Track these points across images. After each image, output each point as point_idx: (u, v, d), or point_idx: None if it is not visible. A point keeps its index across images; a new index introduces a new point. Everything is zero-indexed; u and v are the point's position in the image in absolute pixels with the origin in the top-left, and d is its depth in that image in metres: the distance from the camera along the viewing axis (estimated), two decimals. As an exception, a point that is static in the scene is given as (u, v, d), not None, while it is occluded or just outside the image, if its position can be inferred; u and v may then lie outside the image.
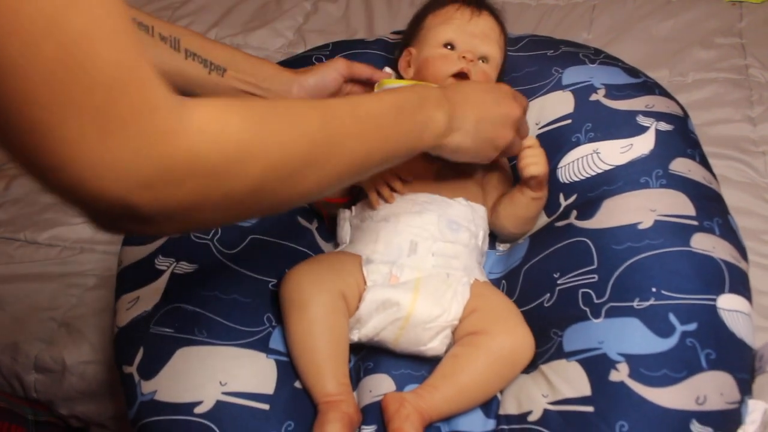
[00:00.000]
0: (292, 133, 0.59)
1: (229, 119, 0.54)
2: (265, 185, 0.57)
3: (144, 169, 0.47)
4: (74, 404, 1.14)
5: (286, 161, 0.58)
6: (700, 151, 0.98)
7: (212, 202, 0.54)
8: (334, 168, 0.64)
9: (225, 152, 0.52)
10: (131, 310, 0.89)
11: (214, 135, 0.52)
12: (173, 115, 0.49)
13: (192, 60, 0.91)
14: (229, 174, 0.53)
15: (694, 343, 0.75)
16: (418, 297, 0.87)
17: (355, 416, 0.81)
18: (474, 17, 1.06)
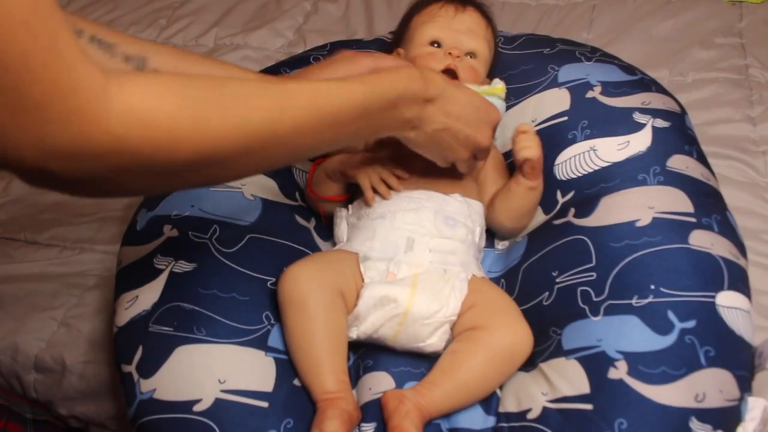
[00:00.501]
0: (232, 122, 0.57)
1: (160, 102, 0.52)
2: (194, 168, 0.56)
3: (61, 146, 0.47)
4: (74, 404, 1.14)
5: (219, 151, 0.57)
6: (698, 147, 0.98)
7: (138, 175, 0.53)
8: (272, 156, 0.64)
9: (151, 138, 0.51)
10: (130, 309, 0.89)
11: (139, 120, 0.51)
12: (94, 97, 0.48)
13: None
14: (155, 157, 0.52)
15: (693, 341, 0.75)
16: (415, 293, 0.87)
17: (354, 413, 0.81)
18: (458, 14, 1.06)
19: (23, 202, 1.40)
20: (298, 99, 0.64)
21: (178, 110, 0.53)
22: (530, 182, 0.97)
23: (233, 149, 0.58)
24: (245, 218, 0.99)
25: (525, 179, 0.97)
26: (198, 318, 0.86)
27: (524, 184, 0.98)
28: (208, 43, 1.74)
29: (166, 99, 0.53)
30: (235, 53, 1.67)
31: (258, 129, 0.59)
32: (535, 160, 0.96)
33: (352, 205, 1.01)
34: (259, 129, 0.59)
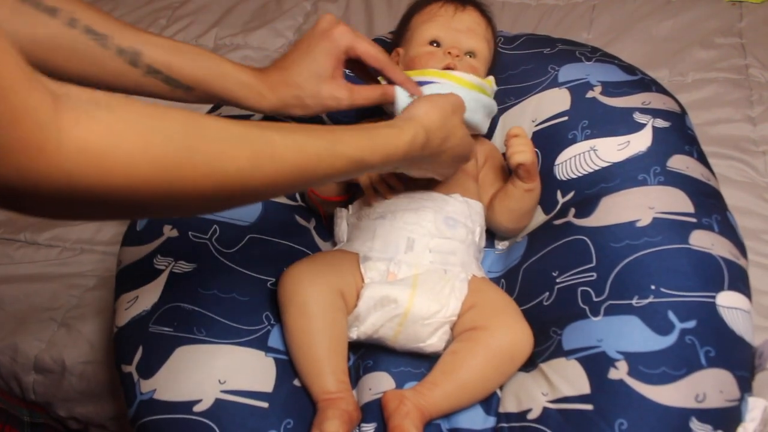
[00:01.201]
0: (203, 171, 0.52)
1: (119, 142, 0.47)
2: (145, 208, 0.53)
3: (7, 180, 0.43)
4: (73, 405, 1.14)
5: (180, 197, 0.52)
6: (698, 147, 0.97)
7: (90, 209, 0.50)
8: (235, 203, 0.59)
9: (108, 180, 0.47)
10: (130, 310, 0.89)
11: (97, 160, 0.46)
12: (42, 129, 0.43)
13: (153, 77, 0.82)
14: (109, 197, 0.48)
15: (693, 341, 0.75)
16: (415, 293, 0.87)
17: (354, 414, 0.81)
18: (458, 13, 1.06)
19: (23, 202, 1.40)
20: (282, 155, 0.59)
21: (139, 152, 0.48)
22: (526, 185, 0.97)
23: (198, 196, 0.53)
24: (245, 218, 0.99)
25: (521, 182, 0.97)
26: (198, 318, 0.86)
27: (521, 186, 0.98)
28: (208, 43, 1.74)
29: (126, 139, 0.48)
30: (235, 53, 1.67)
31: (228, 180, 0.55)
32: (528, 164, 0.95)
33: (352, 205, 1.01)
34: (230, 181, 0.55)
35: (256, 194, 0.60)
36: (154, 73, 0.81)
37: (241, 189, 0.56)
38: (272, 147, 0.59)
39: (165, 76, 0.82)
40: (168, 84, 0.83)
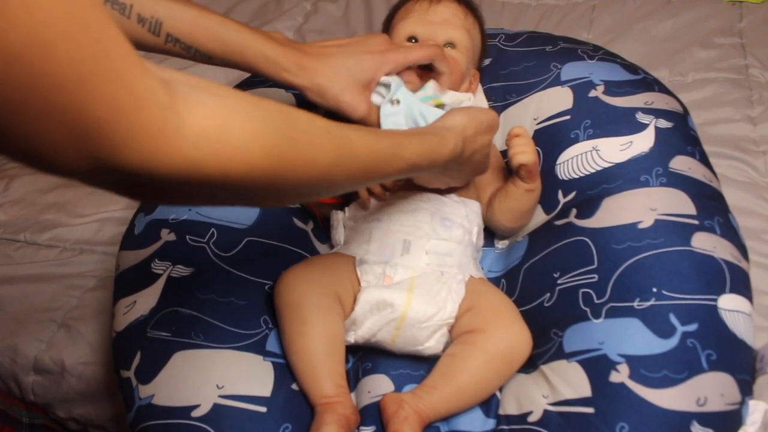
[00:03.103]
0: (302, 160, 0.55)
1: (235, 131, 0.49)
2: (249, 197, 0.56)
3: (127, 165, 0.43)
4: (72, 406, 1.14)
5: (281, 185, 0.55)
6: (701, 148, 0.97)
7: (196, 196, 0.52)
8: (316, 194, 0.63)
9: (225, 167, 0.48)
10: (128, 315, 0.89)
11: (216, 146, 0.47)
12: (163, 113, 0.44)
13: (173, 45, 0.84)
14: (223, 184, 0.49)
15: (694, 344, 0.75)
16: (412, 297, 0.86)
17: (352, 417, 0.81)
18: (432, 6, 1.06)
19: (23, 202, 1.40)
20: (357, 151, 0.63)
21: (250, 140, 0.50)
22: (527, 185, 0.97)
23: (294, 185, 0.56)
24: (243, 221, 0.99)
25: (522, 182, 0.97)
26: (196, 323, 0.86)
27: (522, 186, 0.97)
28: (208, 44, 1.73)
29: (240, 126, 0.49)
30: (235, 53, 1.67)
31: (321, 170, 0.58)
32: (530, 164, 0.95)
33: (348, 208, 1.00)
34: (322, 170, 0.58)
35: (336, 186, 0.63)
36: (174, 41, 0.84)
37: (327, 180, 0.59)
38: (350, 143, 0.62)
39: (185, 45, 0.84)
40: (188, 52, 0.85)
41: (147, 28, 0.81)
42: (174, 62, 1.02)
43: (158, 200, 0.51)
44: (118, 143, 0.42)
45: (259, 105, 0.53)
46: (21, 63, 0.37)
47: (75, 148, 0.42)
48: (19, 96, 0.38)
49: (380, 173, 0.67)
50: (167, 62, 1.60)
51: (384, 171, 0.68)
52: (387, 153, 0.68)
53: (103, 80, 0.41)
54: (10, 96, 0.38)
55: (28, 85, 0.38)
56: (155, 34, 0.82)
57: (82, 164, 0.43)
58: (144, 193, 0.49)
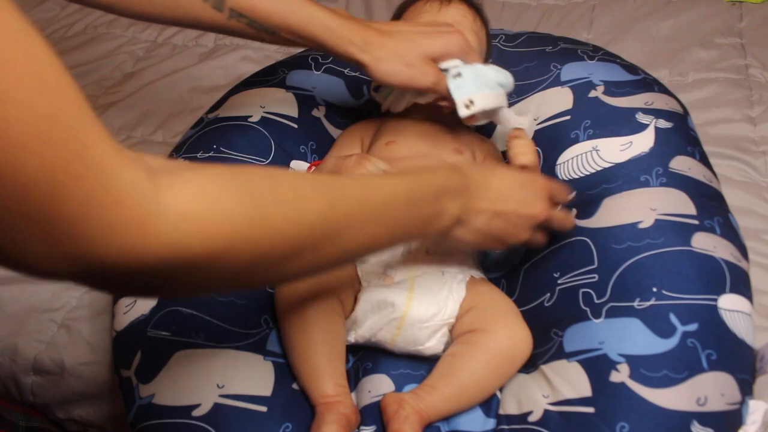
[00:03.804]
0: (290, 218, 0.53)
1: (218, 202, 0.47)
2: (249, 272, 0.52)
3: (106, 259, 0.42)
4: (72, 407, 1.14)
5: (276, 250, 0.52)
6: (700, 148, 0.97)
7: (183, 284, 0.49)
8: (323, 256, 0.58)
9: (212, 247, 0.47)
10: (128, 314, 0.88)
11: (200, 224, 0.46)
12: (142, 204, 0.43)
13: (237, 21, 0.84)
14: (212, 263, 0.48)
15: (695, 344, 0.75)
16: (413, 296, 0.86)
17: (352, 417, 0.81)
18: (443, 7, 1.06)
19: (22, 203, 1.39)
20: (350, 191, 0.61)
21: (236, 209, 0.48)
22: None
23: (288, 248, 0.54)
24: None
25: None
26: (196, 322, 0.86)
27: None
28: (208, 43, 1.74)
29: (223, 198, 0.48)
30: (235, 53, 1.67)
31: (312, 224, 0.55)
32: (532, 165, 0.95)
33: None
34: (313, 224, 0.55)
35: (337, 239, 0.59)
36: (237, 16, 0.84)
37: (323, 232, 0.56)
38: (342, 186, 0.60)
39: (249, 20, 0.84)
40: (252, 27, 0.85)
41: (211, 4, 0.82)
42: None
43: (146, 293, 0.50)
44: (93, 241, 0.41)
45: (240, 173, 0.52)
46: None
47: (49, 250, 0.40)
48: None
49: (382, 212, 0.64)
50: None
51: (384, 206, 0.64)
52: (379, 185, 0.65)
53: (79, 178, 0.39)
54: None
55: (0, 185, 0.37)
56: (219, 9, 0.83)
57: (58, 264, 0.41)
58: (129, 287, 0.48)
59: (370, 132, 1.08)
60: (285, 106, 1.12)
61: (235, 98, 1.14)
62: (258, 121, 1.08)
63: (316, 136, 1.13)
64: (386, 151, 1.01)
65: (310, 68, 1.20)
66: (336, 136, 1.14)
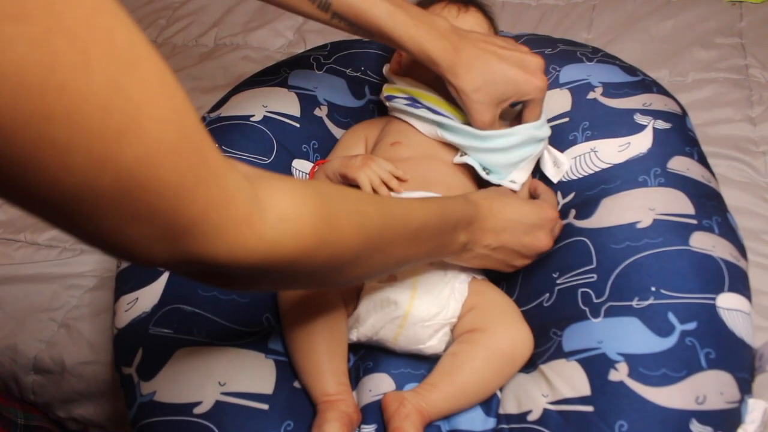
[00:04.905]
0: (356, 228, 0.59)
1: (306, 209, 0.53)
2: (323, 272, 0.58)
3: (216, 255, 0.47)
4: (73, 406, 1.14)
5: (345, 254, 0.58)
6: (699, 149, 0.97)
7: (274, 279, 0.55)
8: (372, 266, 0.65)
9: (303, 244, 0.52)
10: (130, 312, 0.89)
11: (294, 225, 0.51)
12: (249, 204, 0.48)
13: (339, 22, 0.90)
14: (299, 261, 0.53)
15: (693, 343, 0.75)
16: (416, 295, 0.87)
17: (354, 415, 0.81)
18: (461, 14, 1.06)
19: (23, 202, 1.40)
20: (395, 211, 0.66)
21: (319, 215, 0.54)
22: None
23: (353, 253, 0.60)
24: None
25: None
26: (198, 320, 0.86)
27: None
28: (209, 43, 1.74)
29: (310, 204, 0.53)
30: (235, 53, 1.67)
31: (371, 234, 0.61)
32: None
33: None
34: (372, 235, 0.61)
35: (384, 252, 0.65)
36: (339, 18, 0.90)
37: (377, 243, 0.63)
38: (389, 206, 0.66)
39: (350, 23, 0.90)
40: (351, 28, 0.91)
41: (317, 5, 0.88)
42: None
43: (235, 285, 0.55)
44: (208, 239, 0.46)
45: (317, 184, 0.59)
46: (130, 179, 0.40)
47: (166, 245, 0.45)
48: (122, 204, 0.41)
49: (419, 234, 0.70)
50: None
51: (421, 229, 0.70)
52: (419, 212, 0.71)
53: (201, 183, 0.44)
54: (112, 203, 0.40)
55: (134, 196, 0.41)
56: (324, 10, 0.89)
57: (171, 258, 0.46)
58: (224, 279, 0.52)
59: (374, 132, 1.08)
60: (287, 105, 1.12)
61: (238, 97, 1.14)
62: (260, 121, 1.08)
63: (319, 135, 1.13)
64: (391, 151, 1.01)
65: (312, 68, 1.20)
66: (338, 135, 1.15)
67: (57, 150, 0.37)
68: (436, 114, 1.00)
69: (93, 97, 0.37)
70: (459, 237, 0.79)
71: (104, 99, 0.38)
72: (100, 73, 0.37)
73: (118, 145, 0.39)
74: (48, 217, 0.42)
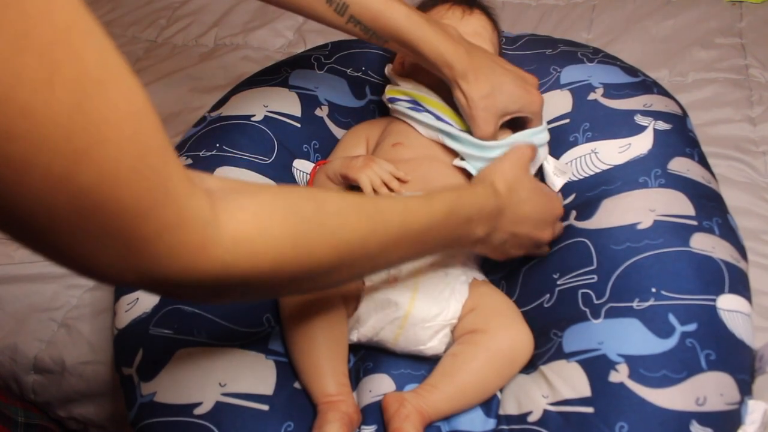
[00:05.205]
0: (331, 242, 0.58)
1: (267, 229, 0.52)
2: (290, 284, 0.58)
3: (167, 276, 0.47)
4: (73, 406, 1.14)
5: (314, 270, 0.57)
6: (699, 150, 0.97)
7: (234, 294, 0.55)
8: (357, 271, 0.65)
9: (258, 267, 0.52)
10: (130, 312, 0.89)
11: (249, 247, 0.51)
12: (204, 228, 0.48)
13: (354, 26, 0.90)
14: (256, 280, 0.53)
15: (693, 344, 0.75)
16: (416, 296, 0.87)
17: (354, 416, 0.81)
18: (465, 16, 1.06)
19: (23, 202, 1.39)
20: (391, 217, 0.65)
21: (282, 235, 0.53)
22: None
23: (326, 267, 0.58)
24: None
25: None
26: (198, 321, 0.86)
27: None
28: (209, 43, 1.74)
29: (272, 225, 0.53)
30: (235, 53, 1.67)
31: (351, 247, 0.60)
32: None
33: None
34: (352, 247, 0.60)
35: (373, 258, 0.64)
36: (355, 23, 0.90)
37: (361, 253, 0.61)
38: (382, 213, 0.64)
39: (365, 28, 0.90)
40: (366, 34, 0.91)
41: (334, 8, 0.88)
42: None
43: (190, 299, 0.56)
44: (162, 260, 0.46)
45: (289, 197, 0.57)
46: (86, 198, 0.40)
47: (124, 265, 0.45)
48: (77, 222, 0.41)
49: (417, 237, 0.68)
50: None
51: (420, 232, 0.69)
52: (420, 208, 0.69)
53: (157, 205, 0.44)
54: (68, 221, 0.40)
55: (88, 215, 0.41)
56: (340, 14, 0.89)
57: (128, 277, 0.46)
58: (177, 294, 0.52)
59: (375, 133, 1.08)
60: (288, 105, 1.12)
61: (238, 97, 1.14)
62: (261, 120, 1.08)
63: (319, 135, 1.13)
64: (392, 152, 1.01)
65: (313, 68, 1.20)
66: (339, 135, 1.15)
67: (15, 167, 0.37)
68: (438, 120, 1.00)
69: (55, 118, 0.37)
70: (476, 231, 0.78)
71: (66, 120, 0.37)
72: (64, 93, 0.37)
73: (77, 165, 0.39)
74: (7, 232, 0.42)
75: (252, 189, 0.55)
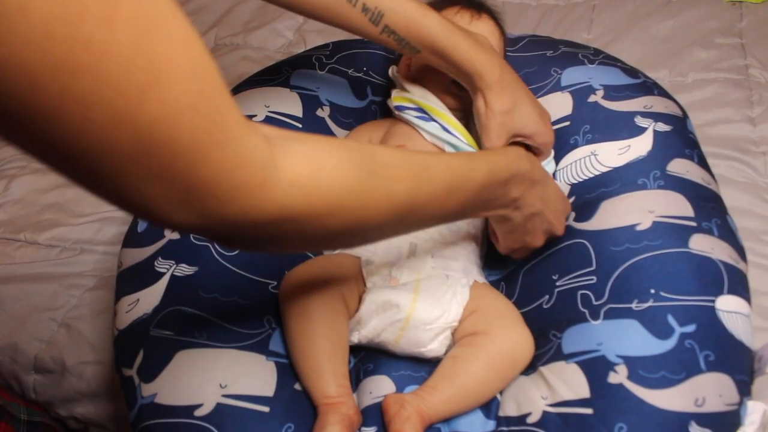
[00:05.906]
0: (382, 192, 0.59)
1: (323, 174, 0.53)
2: (342, 234, 0.58)
3: (227, 217, 0.48)
4: (73, 405, 1.14)
5: (367, 220, 0.58)
6: (699, 151, 0.97)
7: (288, 240, 0.55)
8: (405, 226, 0.66)
9: (313, 207, 0.52)
10: (131, 313, 0.89)
11: (305, 190, 0.51)
12: (263, 168, 0.48)
13: (387, 36, 0.90)
14: (312, 225, 0.53)
15: (692, 345, 0.75)
16: (417, 299, 0.87)
17: (355, 418, 0.81)
18: (474, 21, 1.05)
19: (23, 202, 1.40)
20: (435, 173, 0.65)
21: (338, 179, 0.54)
22: None
23: (378, 219, 0.59)
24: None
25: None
26: (199, 322, 0.86)
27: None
28: (209, 43, 1.74)
29: (327, 168, 0.53)
30: (235, 53, 1.67)
31: (401, 200, 0.61)
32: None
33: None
34: (402, 200, 0.61)
35: (419, 214, 0.65)
36: (389, 32, 0.90)
37: (409, 208, 0.62)
38: (428, 168, 0.65)
39: (399, 38, 0.90)
40: (399, 44, 0.91)
41: (369, 17, 0.88)
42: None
43: (244, 246, 0.56)
44: (220, 199, 0.46)
45: (343, 146, 0.58)
46: (149, 136, 0.41)
47: (181, 206, 0.46)
48: (139, 161, 0.42)
49: (462, 188, 0.69)
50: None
51: (465, 185, 0.70)
52: (463, 167, 0.70)
53: (217, 145, 0.45)
54: (130, 160, 0.41)
55: (151, 154, 0.42)
56: (374, 23, 0.89)
57: (187, 218, 0.47)
58: (234, 240, 0.53)
59: (378, 134, 1.08)
60: (289, 105, 1.12)
61: (239, 97, 1.14)
62: (263, 120, 1.08)
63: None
64: None
65: (314, 68, 1.20)
66: (340, 136, 1.15)
67: (80, 103, 0.38)
68: (445, 131, 1.00)
69: (117, 53, 0.38)
70: (511, 192, 0.79)
71: (127, 55, 0.38)
72: (125, 28, 0.38)
73: (138, 102, 0.39)
74: (67, 172, 0.43)
75: (305, 136, 0.55)
